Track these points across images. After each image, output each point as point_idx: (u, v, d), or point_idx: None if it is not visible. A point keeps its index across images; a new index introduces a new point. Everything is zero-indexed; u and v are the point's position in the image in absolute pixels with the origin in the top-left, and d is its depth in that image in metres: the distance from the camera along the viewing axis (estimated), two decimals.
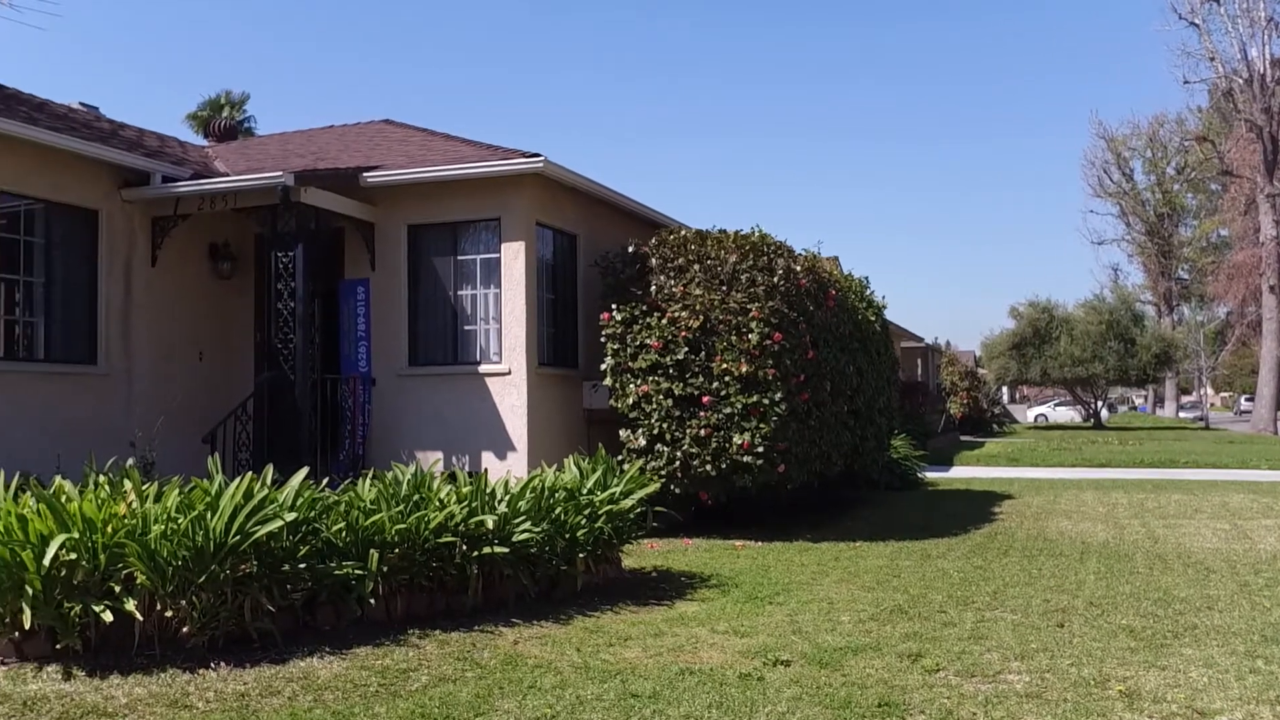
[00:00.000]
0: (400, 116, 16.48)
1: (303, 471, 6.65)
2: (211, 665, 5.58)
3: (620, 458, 10.59)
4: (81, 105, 14.50)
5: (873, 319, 14.44)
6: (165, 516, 5.83)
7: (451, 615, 6.83)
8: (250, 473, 6.36)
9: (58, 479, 6.46)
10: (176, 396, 12.00)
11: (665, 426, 10.91)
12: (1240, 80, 42.64)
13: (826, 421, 12.06)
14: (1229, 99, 44.63)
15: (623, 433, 11.16)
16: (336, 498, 6.89)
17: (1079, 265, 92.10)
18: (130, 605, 5.62)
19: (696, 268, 11.30)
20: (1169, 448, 28.36)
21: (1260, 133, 41.78)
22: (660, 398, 10.93)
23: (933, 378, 39.27)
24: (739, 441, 10.63)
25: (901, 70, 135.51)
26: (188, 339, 12.51)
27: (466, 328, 12.08)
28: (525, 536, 7.22)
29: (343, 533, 6.58)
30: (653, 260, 11.56)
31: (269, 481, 6.39)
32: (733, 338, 10.85)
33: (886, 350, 15.31)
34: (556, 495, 7.75)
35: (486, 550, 6.96)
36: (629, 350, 11.23)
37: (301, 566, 6.23)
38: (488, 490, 7.42)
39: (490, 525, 7.04)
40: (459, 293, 12.12)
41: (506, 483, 7.68)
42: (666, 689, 5.30)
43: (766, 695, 5.22)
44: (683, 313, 11.04)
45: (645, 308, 11.28)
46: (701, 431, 10.76)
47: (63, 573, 5.63)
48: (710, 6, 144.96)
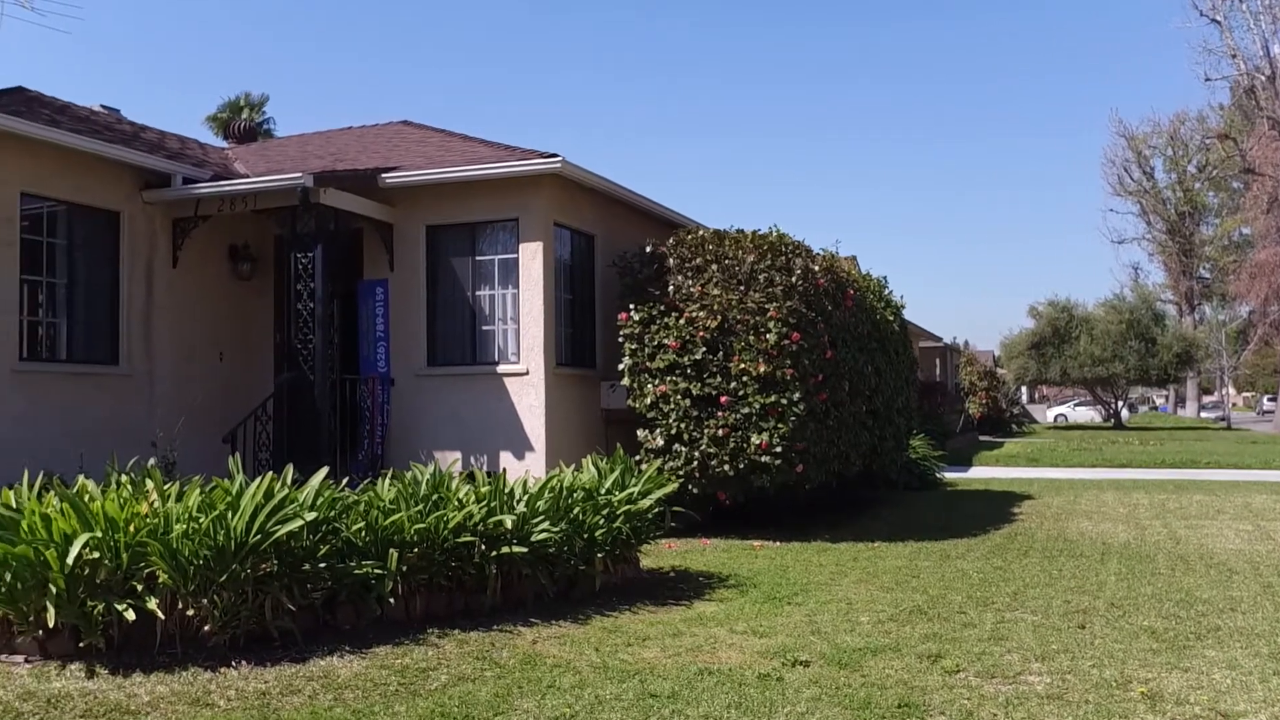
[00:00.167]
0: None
1: (322, 471, 6.68)
2: (233, 664, 5.61)
3: (638, 458, 10.60)
4: (103, 108, 14.62)
5: (891, 319, 14.39)
6: (187, 516, 5.87)
7: (470, 615, 6.85)
8: (270, 472, 6.39)
9: (80, 478, 6.51)
10: (197, 397, 12.08)
11: (683, 426, 10.91)
12: (1262, 77, 42.31)
13: (845, 421, 12.03)
14: (1251, 96, 44.31)
15: (640, 433, 11.16)
16: (356, 497, 6.93)
17: (1099, 264, 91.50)
18: (152, 604, 5.66)
19: (714, 267, 11.29)
20: (1190, 448, 28.15)
21: None
22: (678, 398, 10.93)
23: (951, 378, 39.10)
24: (757, 441, 10.61)
25: (901, 69, 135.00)
26: (208, 340, 12.59)
27: (485, 328, 12.11)
28: (544, 536, 7.23)
29: (362, 532, 6.61)
30: (670, 260, 11.55)
31: (289, 481, 6.43)
32: (750, 338, 10.83)
33: (905, 350, 15.26)
34: (575, 495, 7.76)
35: (505, 550, 6.98)
36: (647, 350, 11.23)
37: (321, 566, 6.26)
38: (506, 490, 7.44)
39: (509, 525, 7.06)
40: (477, 293, 12.15)
41: (525, 482, 7.70)
42: (685, 689, 5.30)
43: (785, 696, 5.21)
44: (700, 313, 11.03)
45: (663, 308, 11.28)
46: (719, 431, 10.75)
47: (86, 571, 5.68)
48: (709, 7, 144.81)
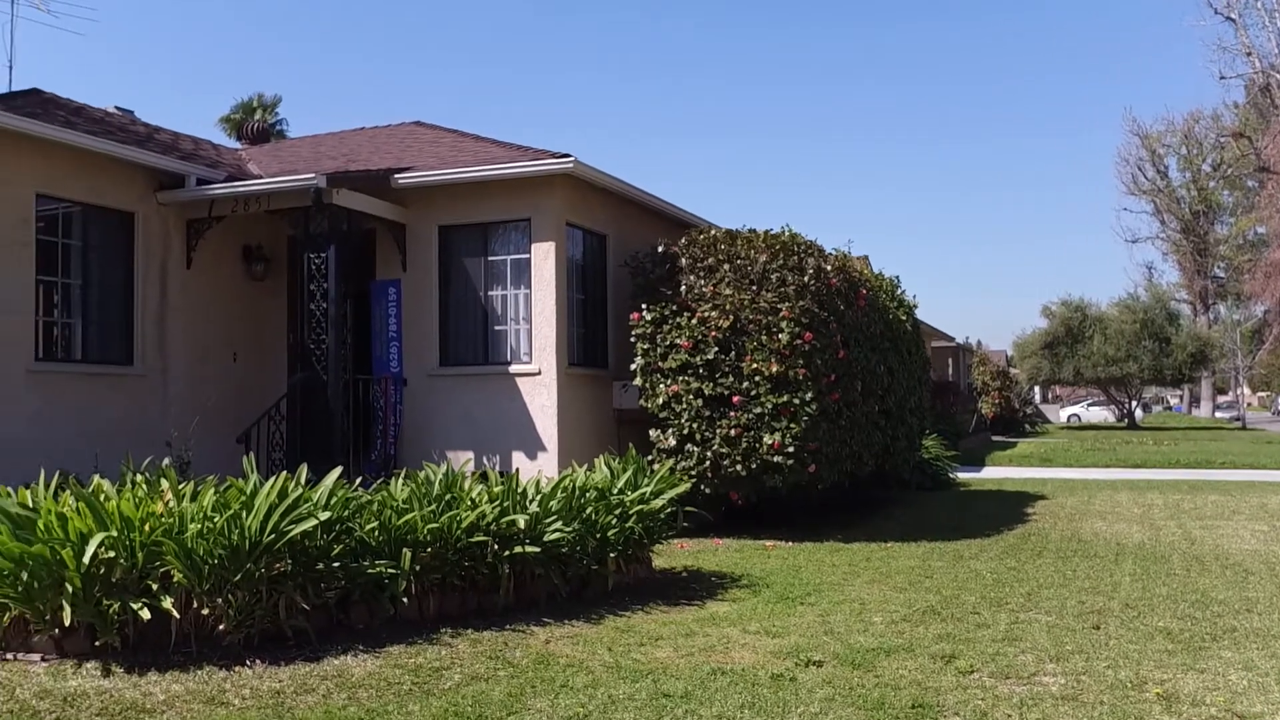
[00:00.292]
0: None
1: (336, 471, 6.70)
2: (247, 663, 5.63)
3: (650, 458, 10.57)
4: (117, 109, 14.69)
5: (904, 318, 14.36)
6: (201, 515, 5.90)
7: (483, 614, 6.86)
8: (285, 472, 6.41)
9: (96, 478, 6.55)
10: (211, 397, 12.13)
11: (695, 426, 10.90)
12: (1278, 75, 42.01)
13: (857, 421, 12.00)
14: (1266, 94, 44.01)
15: (653, 433, 11.16)
16: (369, 497, 6.95)
17: (1112, 264, 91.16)
18: (167, 603, 5.69)
19: (726, 267, 11.28)
20: (1205, 448, 27.99)
21: None
22: (690, 397, 10.92)
23: (964, 377, 38.98)
24: (769, 441, 10.60)
25: (905, 70, 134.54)
26: (222, 340, 12.64)
27: (497, 328, 12.13)
28: (556, 536, 7.24)
29: (376, 532, 6.63)
30: (682, 260, 11.55)
31: (303, 481, 6.44)
32: (763, 337, 10.82)
33: (918, 350, 15.22)
34: (587, 495, 7.77)
35: (518, 550, 6.99)
36: (659, 350, 11.22)
37: (335, 565, 6.28)
38: (519, 490, 7.44)
39: (522, 525, 7.07)
40: (489, 293, 12.17)
41: (538, 482, 7.70)
42: (698, 689, 5.30)
43: (799, 696, 5.20)
44: (713, 312, 11.02)
45: (675, 307, 11.28)
46: (732, 431, 10.74)
47: (101, 570, 5.71)
48: (714, 8, 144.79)
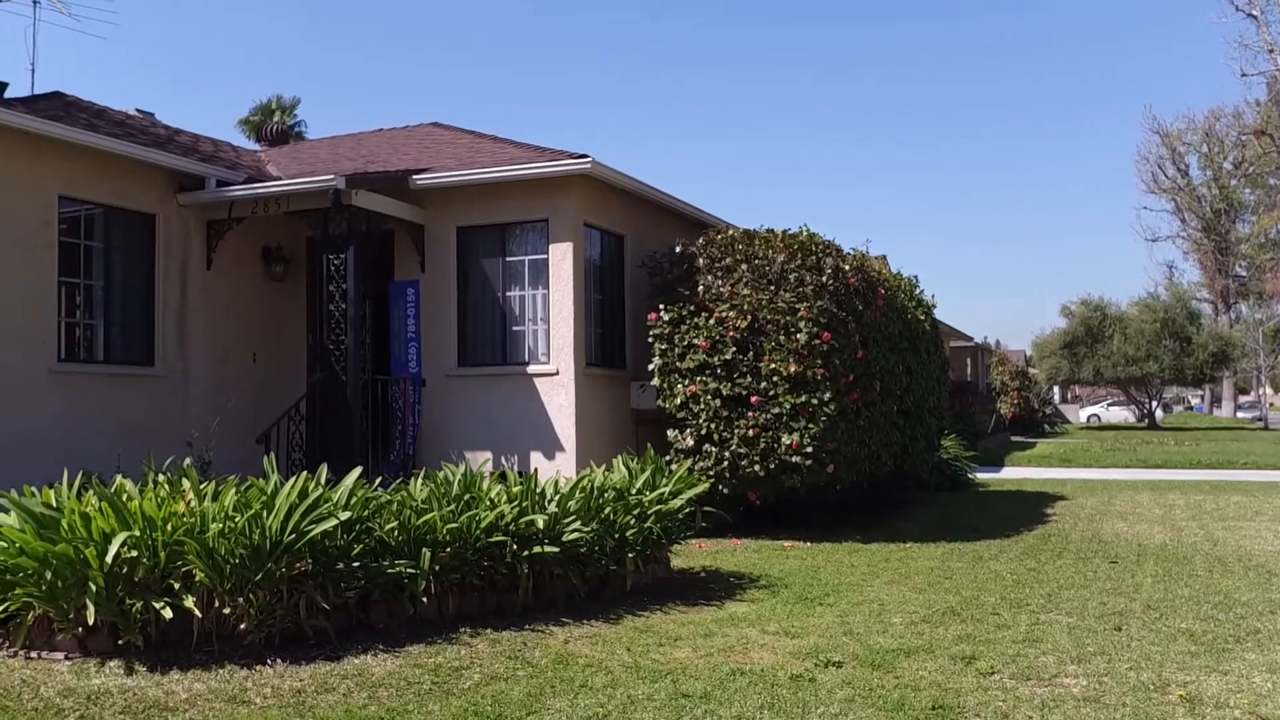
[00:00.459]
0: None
1: (356, 471, 6.74)
2: (268, 662, 5.66)
3: (668, 458, 10.58)
4: (138, 112, 14.81)
5: (922, 318, 14.30)
6: (223, 515, 5.94)
7: (502, 614, 6.88)
8: (305, 472, 6.45)
9: (118, 478, 6.61)
10: (231, 397, 12.20)
11: (713, 427, 10.89)
12: None
13: (876, 421, 11.97)
14: None
15: (670, 433, 11.16)
16: (389, 497, 6.97)
17: (1133, 263, 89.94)
18: (189, 602, 5.73)
19: (744, 267, 11.27)
20: (1227, 448, 27.77)
21: None
22: (708, 398, 10.91)
23: (983, 377, 38.81)
24: (788, 442, 10.58)
25: (909, 69, 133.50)
26: (242, 340, 12.71)
27: (515, 328, 12.15)
28: (575, 536, 7.25)
29: (395, 532, 6.65)
30: (700, 260, 11.54)
31: (323, 481, 6.48)
32: (781, 337, 10.80)
33: (936, 350, 15.17)
34: (606, 495, 7.77)
35: (537, 550, 7.00)
36: (677, 350, 11.22)
37: (355, 565, 6.31)
38: (538, 490, 7.46)
39: (540, 525, 7.08)
40: (507, 294, 12.19)
41: (556, 482, 7.72)
42: (717, 689, 5.29)
43: (818, 696, 5.19)
44: (730, 312, 11.01)
45: (693, 308, 11.27)
46: (750, 432, 10.72)
47: (124, 570, 5.76)
48: (714, 8, 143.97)
